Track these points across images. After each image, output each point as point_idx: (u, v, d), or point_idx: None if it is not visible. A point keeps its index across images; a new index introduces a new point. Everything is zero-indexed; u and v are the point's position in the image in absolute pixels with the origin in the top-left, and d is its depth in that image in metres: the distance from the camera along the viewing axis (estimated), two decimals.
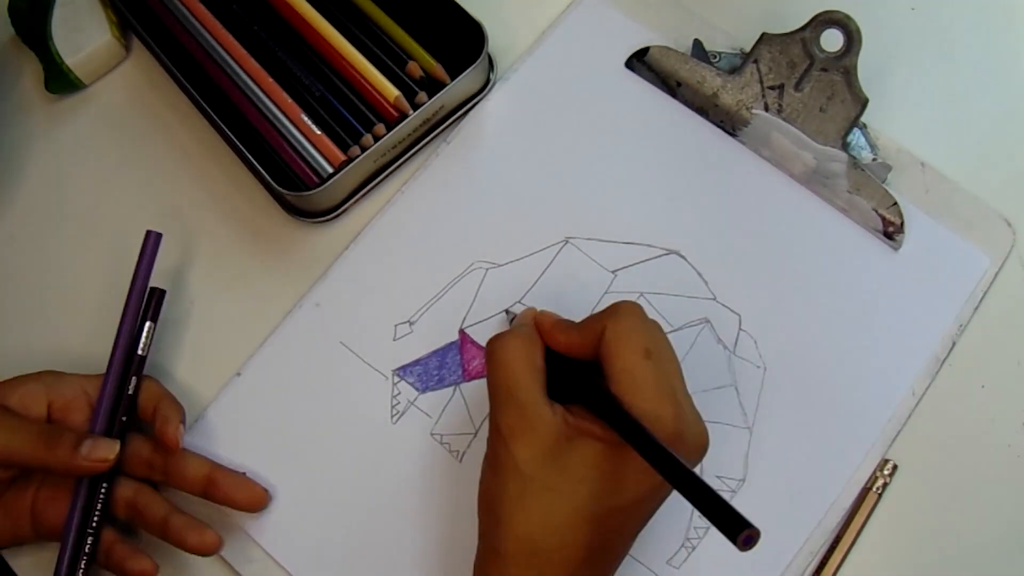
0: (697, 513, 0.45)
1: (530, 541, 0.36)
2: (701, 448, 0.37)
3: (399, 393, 0.48)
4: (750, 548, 0.29)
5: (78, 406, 0.45)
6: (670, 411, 0.35)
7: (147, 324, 0.47)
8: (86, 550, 0.44)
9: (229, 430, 0.48)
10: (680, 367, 0.38)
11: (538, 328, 0.40)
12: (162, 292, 0.48)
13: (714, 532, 0.44)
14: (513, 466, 0.37)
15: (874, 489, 0.45)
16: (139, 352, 0.46)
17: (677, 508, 0.45)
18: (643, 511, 0.38)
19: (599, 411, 0.36)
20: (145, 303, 0.47)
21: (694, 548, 0.45)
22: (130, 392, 0.46)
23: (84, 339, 0.50)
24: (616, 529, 0.37)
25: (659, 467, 0.32)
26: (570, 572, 0.37)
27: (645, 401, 0.35)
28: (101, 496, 0.44)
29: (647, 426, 0.34)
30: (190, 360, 0.50)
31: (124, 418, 0.45)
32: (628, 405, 0.35)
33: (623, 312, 0.38)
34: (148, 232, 0.48)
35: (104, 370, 0.46)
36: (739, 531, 0.28)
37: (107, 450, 0.43)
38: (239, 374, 0.49)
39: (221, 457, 0.47)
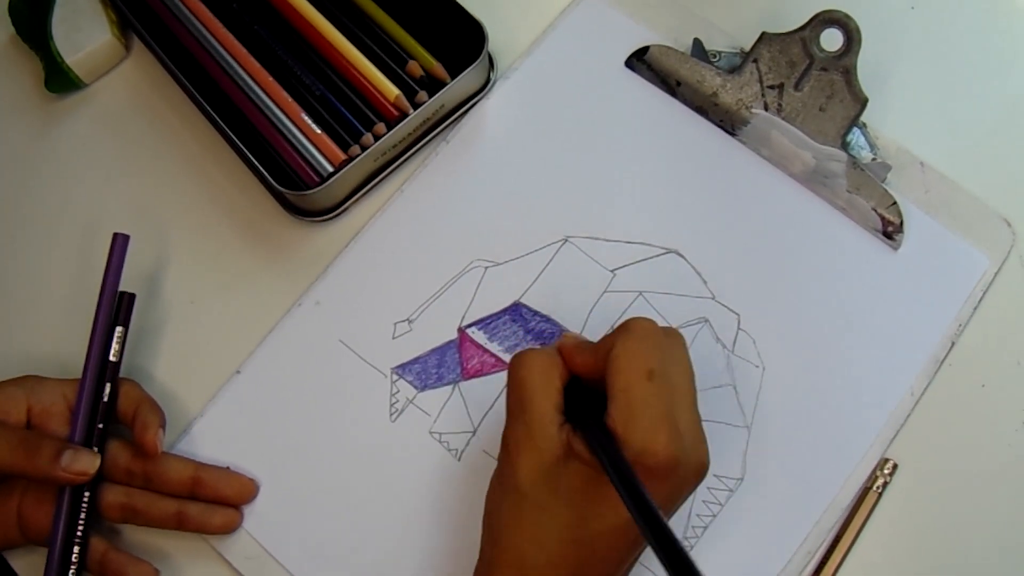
0: (696, 511, 0.45)
1: (520, 556, 0.36)
2: (698, 474, 0.36)
3: (398, 391, 0.48)
4: None
5: (58, 411, 0.45)
6: (663, 438, 0.34)
7: (117, 329, 0.46)
8: (73, 559, 0.43)
9: (229, 427, 0.48)
10: (691, 384, 0.37)
11: (560, 349, 0.39)
12: (132, 296, 0.47)
13: (713, 532, 0.45)
14: (513, 482, 0.37)
15: (874, 488, 0.45)
16: (111, 358, 0.46)
17: None
18: (624, 541, 0.36)
19: (586, 436, 0.36)
20: (115, 308, 0.46)
21: (692, 548, 0.45)
22: (105, 399, 0.45)
23: (84, 343, 0.50)
24: (600, 554, 0.36)
25: (627, 503, 0.32)
26: None
27: (638, 426, 0.35)
28: (84, 504, 0.44)
29: (637, 453, 0.34)
30: (190, 358, 0.50)
31: (101, 425, 0.45)
32: (623, 429, 0.34)
33: (631, 330, 0.37)
34: (115, 235, 0.47)
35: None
36: None
37: (88, 463, 0.43)
38: (239, 372, 0.49)
39: (220, 457, 0.47)
